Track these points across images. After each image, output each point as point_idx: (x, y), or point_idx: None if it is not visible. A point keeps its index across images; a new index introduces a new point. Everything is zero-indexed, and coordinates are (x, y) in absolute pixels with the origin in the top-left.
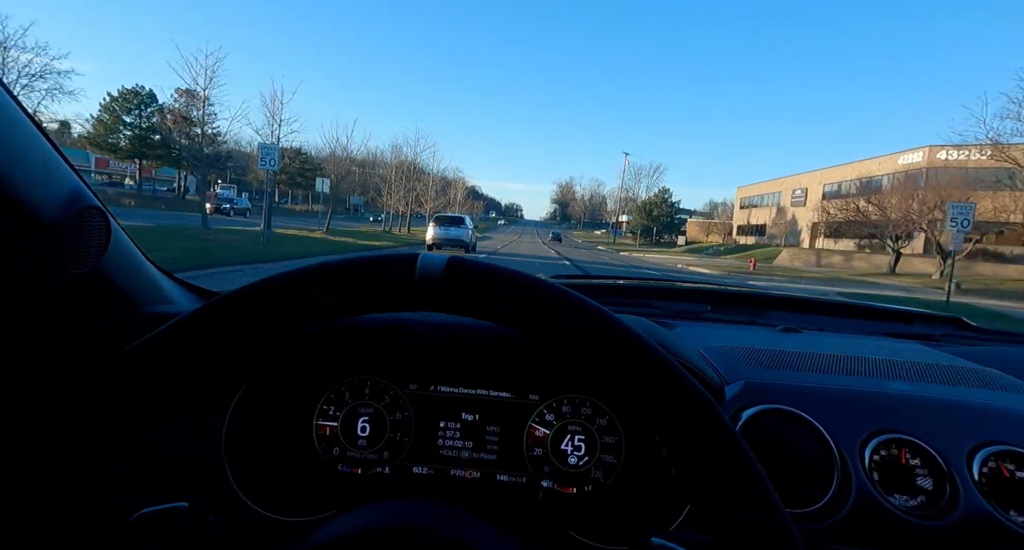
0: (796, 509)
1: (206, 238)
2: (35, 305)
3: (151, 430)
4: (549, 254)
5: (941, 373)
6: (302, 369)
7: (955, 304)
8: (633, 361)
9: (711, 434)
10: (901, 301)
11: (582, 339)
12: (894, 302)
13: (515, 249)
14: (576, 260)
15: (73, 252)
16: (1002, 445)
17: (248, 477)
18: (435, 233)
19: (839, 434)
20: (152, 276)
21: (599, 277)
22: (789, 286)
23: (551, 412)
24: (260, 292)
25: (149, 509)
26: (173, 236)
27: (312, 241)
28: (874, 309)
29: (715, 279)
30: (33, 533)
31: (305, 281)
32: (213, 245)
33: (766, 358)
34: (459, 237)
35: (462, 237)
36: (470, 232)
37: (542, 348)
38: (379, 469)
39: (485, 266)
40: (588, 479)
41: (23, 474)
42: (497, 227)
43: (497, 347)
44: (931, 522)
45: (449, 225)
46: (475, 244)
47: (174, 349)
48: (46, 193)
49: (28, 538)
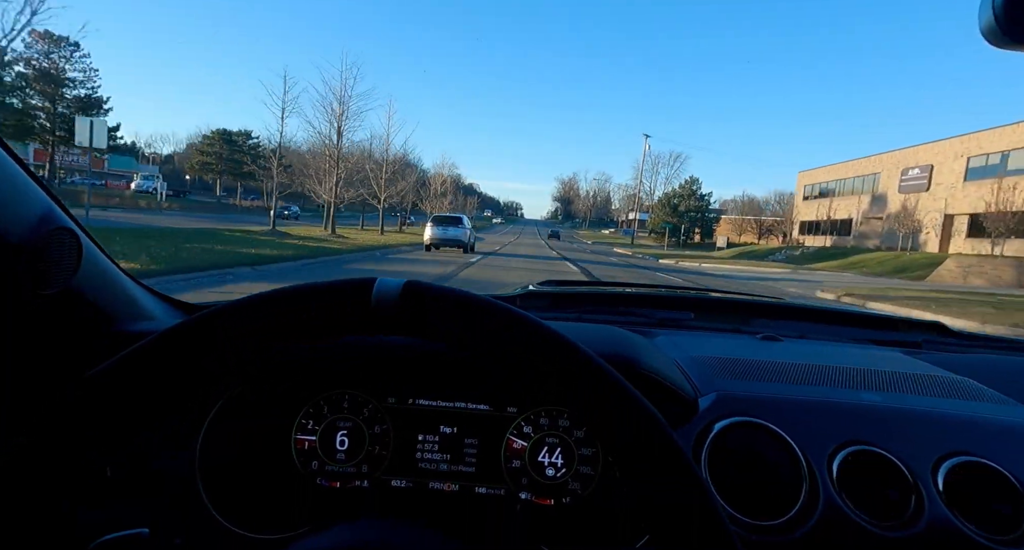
0: (764, 521)
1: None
2: (3, 327)
3: (118, 451)
4: (565, 268)
5: (914, 382)
6: (278, 385)
7: None
8: (581, 380)
9: (651, 445)
10: None
11: (534, 361)
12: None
13: (514, 250)
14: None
15: (42, 272)
16: (967, 456)
17: (222, 494)
18: (432, 233)
19: (808, 445)
20: (129, 292)
21: (583, 283)
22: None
23: (529, 424)
24: (222, 315)
25: (109, 536)
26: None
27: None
28: (856, 315)
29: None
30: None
31: (256, 308)
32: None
33: (743, 368)
34: (456, 237)
35: (459, 237)
36: (468, 232)
37: (503, 371)
38: (358, 483)
39: (442, 290)
40: (565, 491)
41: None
42: (493, 226)
43: (474, 360)
44: (896, 533)
45: (447, 225)
46: (474, 244)
47: (137, 372)
48: (13, 215)
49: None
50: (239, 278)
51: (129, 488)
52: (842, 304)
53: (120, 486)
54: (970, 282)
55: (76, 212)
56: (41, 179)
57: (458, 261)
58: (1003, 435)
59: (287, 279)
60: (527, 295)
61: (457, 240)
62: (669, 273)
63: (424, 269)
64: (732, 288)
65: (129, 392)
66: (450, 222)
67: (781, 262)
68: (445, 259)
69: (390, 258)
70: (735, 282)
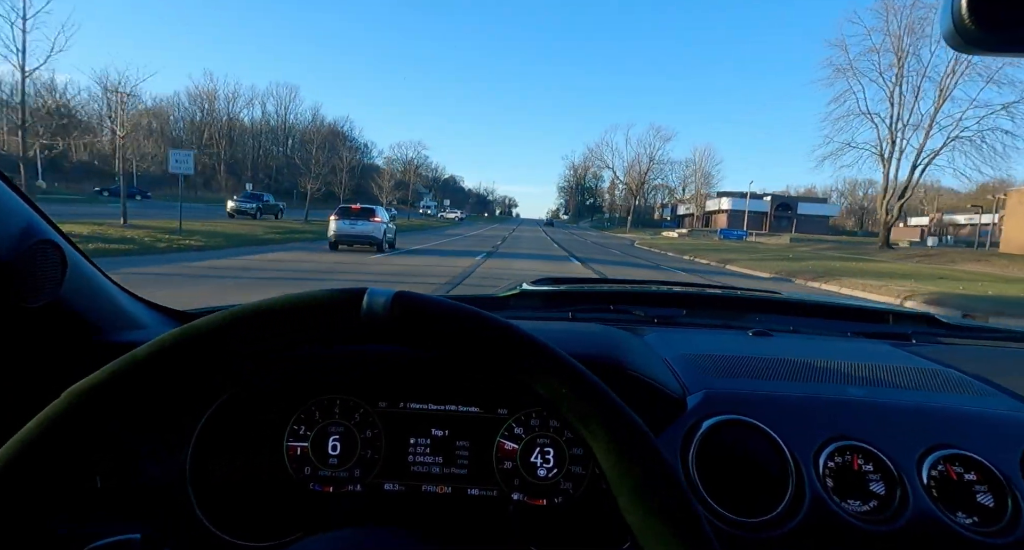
0: (753, 518)
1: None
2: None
3: (107, 461)
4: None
5: (901, 376)
6: (269, 392)
7: None
8: (567, 386)
9: (635, 454)
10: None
11: (521, 371)
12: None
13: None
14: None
15: (26, 286)
16: (950, 449)
17: (214, 502)
18: (337, 228)
19: (795, 442)
20: (117, 302)
21: (576, 281)
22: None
23: (520, 426)
24: (214, 324)
25: (100, 542)
26: None
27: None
28: (847, 308)
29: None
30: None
31: (248, 317)
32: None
33: (732, 365)
34: (367, 233)
35: (371, 233)
36: (384, 227)
37: (493, 378)
38: (350, 487)
39: (433, 301)
40: (558, 491)
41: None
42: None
43: (464, 367)
44: (882, 527)
45: (354, 218)
46: (393, 241)
47: (127, 382)
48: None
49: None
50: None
51: (119, 497)
52: (833, 297)
53: (110, 496)
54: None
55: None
56: (22, 191)
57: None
58: (987, 427)
59: None
60: (521, 295)
61: (368, 236)
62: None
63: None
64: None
65: (118, 402)
66: (360, 215)
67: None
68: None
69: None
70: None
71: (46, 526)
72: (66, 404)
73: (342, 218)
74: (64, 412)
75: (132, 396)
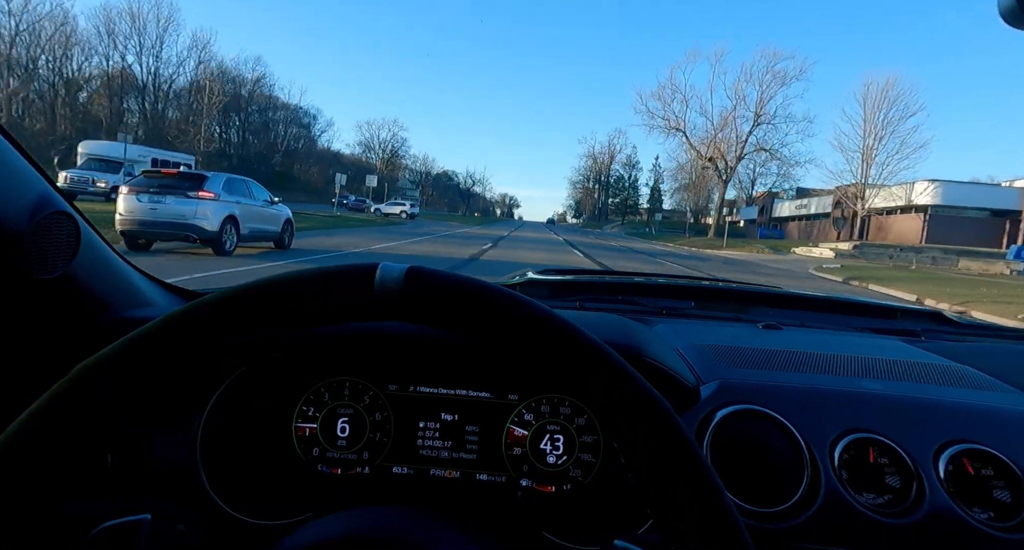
0: (767, 508)
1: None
2: (1, 312)
3: (119, 438)
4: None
5: (915, 371)
6: (279, 371)
7: None
8: (591, 369)
9: (661, 437)
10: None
11: (542, 348)
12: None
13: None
14: None
15: (39, 258)
16: (967, 443)
17: (224, 481)
18: (130, 208)
19: (810, 433)
20: (128, 278)
21: (583, 272)
22: None
23: (530, 412)
24: (221, 303)
25: (109, 523)
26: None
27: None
28: (856, 304)
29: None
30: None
31: (258, 293)
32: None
33: (744, 357)
34: (182, 219)
35: (190, 219)
36: (212, 208)
37: (509, 357)
38: (359, 469)
39: (446, 276)
40: (567, 478)
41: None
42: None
43: (476, 347)
44: (897, 520)
45: (164, 192)
46: (289, 237)
47: (138, 359)
48: (8, 200)
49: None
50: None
51: (131, 475)
52: (841, 293)
53: (121, 473)
54: None
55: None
56: (38, 164)
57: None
58: (1003, 423)
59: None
60: (527, 284)
61: (185, 224)
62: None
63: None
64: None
65: (129, 379)
66: (171, 188)
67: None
68: None
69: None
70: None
71: (56, 504)
72: (75, 380)
73: (137, 193)
74: (74, 388)
75: (142, 373)
